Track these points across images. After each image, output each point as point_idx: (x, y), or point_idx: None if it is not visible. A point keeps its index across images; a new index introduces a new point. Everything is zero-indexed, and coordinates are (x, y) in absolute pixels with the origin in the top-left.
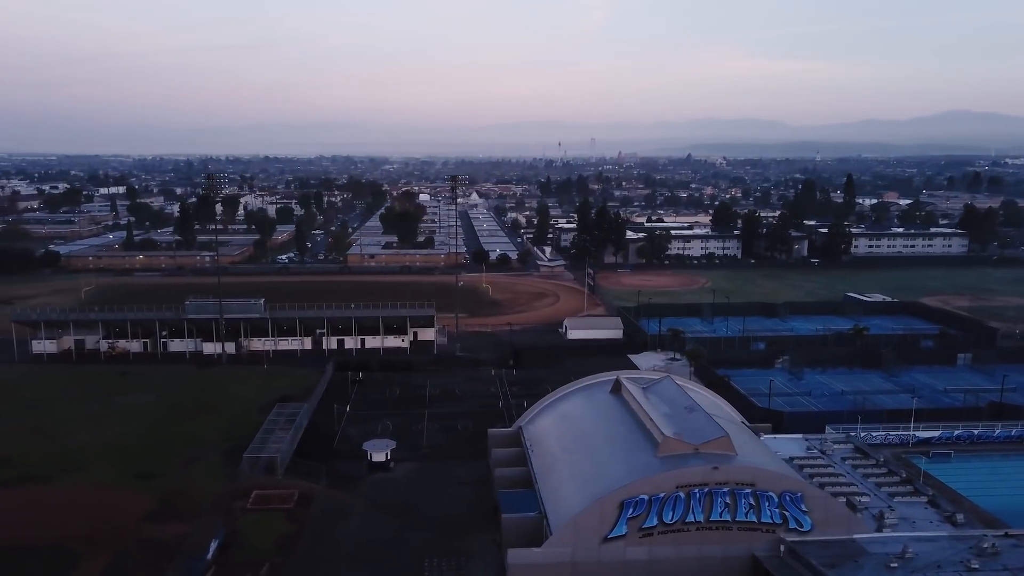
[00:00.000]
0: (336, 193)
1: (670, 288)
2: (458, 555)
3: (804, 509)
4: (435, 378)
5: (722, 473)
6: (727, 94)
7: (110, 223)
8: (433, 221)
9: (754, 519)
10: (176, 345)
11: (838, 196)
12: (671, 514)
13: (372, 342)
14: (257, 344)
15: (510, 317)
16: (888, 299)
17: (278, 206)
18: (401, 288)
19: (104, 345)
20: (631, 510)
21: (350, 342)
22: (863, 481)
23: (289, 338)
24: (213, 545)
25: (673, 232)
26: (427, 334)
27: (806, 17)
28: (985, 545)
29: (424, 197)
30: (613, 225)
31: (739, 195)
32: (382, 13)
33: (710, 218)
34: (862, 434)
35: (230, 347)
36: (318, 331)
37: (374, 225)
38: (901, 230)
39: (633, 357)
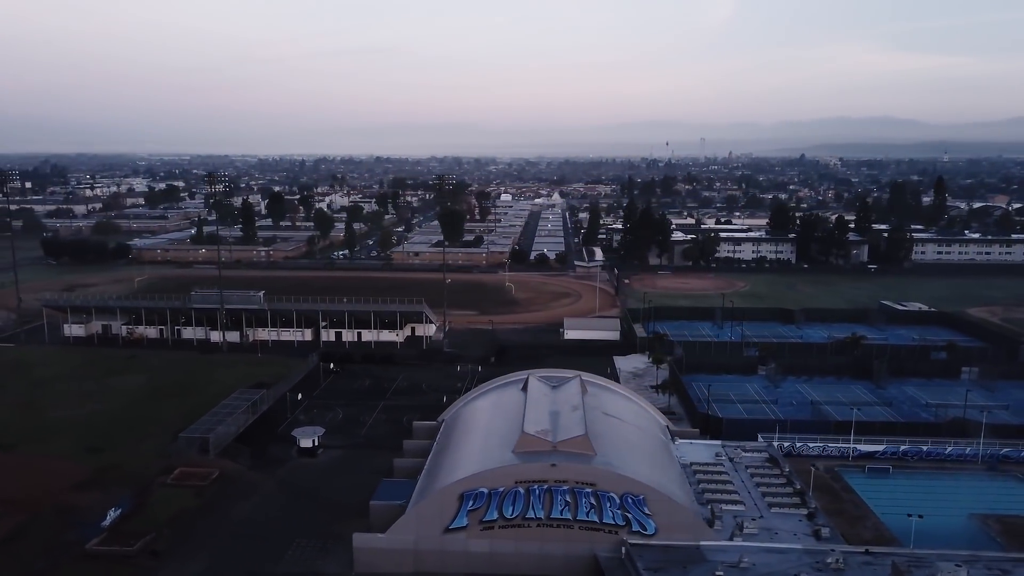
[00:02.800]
0: (420, 192)
1: (705, 291)
2: (329, 538)
3: (647, 512)
4: (410, 372)
5: (561, 471)
6: (858, 92)
7: (198, 220)
8: (499, 221)
9: (596, 519)
10: (188, 333)
11: (949, 200)
12: (511, 509)
13: (368, 335)
14: (262, 334)
15: (523, 316)
16: (925, 308)
17: (350, 205)
18: (429, 285)
19: (124, 331)
20: (471, 503)
21: (347, 335)
22: (752, 490)
23: (291, 329)
24: (112, 513)
25: (723, 235)
26: (424, 329)
27: (953, 8)
28: (829, 560)
29: (506, 197)
30: (658, 226)
31: (831, 197)
32: (500, 16)
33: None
34: (797, 444)
35: (235, 336)
36: (322, 324)
37: (437, 224)
38: (977, 236)
39: (618, 359)
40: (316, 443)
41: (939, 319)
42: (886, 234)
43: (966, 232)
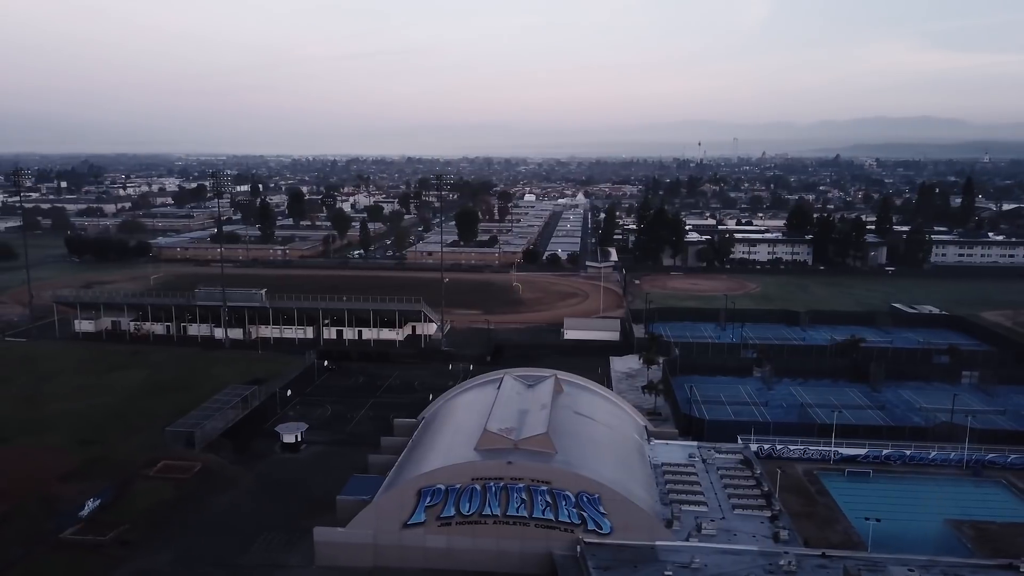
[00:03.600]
0: (443, 192)
1: (715, 293)
2: (297, 532)
3: (603, 511)
4: (405, 370)
5: (517, 469)
6: (898, 91)
7: (224, 219)
8: (518, 221)
9: (551, 517)
10: (194, 329)
11: (981, 201)
12: (468, 506)
13: (368, 333)
14: (264, 331)
15: (526, 316)
16: (935, 311)
17: (371, 205)
18: (438, 284)
19: (131, 327)
20: (429, 499)
21: (348, 333)
22: (719, 491)
23: (293, 327)
24: (90, 504)
25: (738, 236)
26: (424, 328)
27: (998, 5)
28: (781, 562)
29: (529, 197)
30: (672, 227)
31: (859, 198)
32: (536, 16)
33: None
34: (777, 447)
35: (238, 333)
36: (324, 322)
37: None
38: (1000, 238)
39: (614, 359)
40: (299, 439)
41: (949, 322)
42: (905, 236)
43: (989, 234)
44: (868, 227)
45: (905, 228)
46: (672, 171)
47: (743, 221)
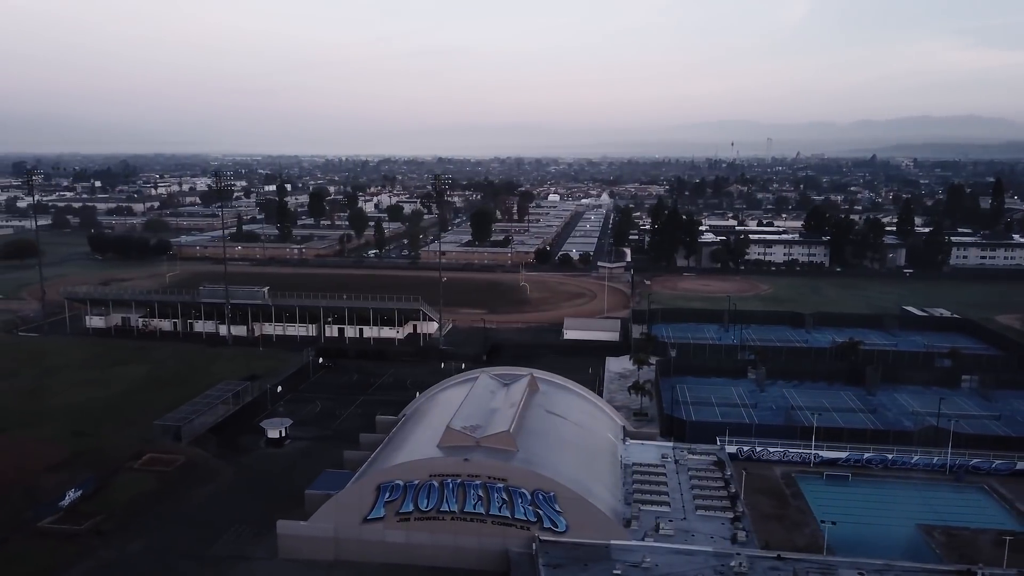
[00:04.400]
0: (467, 192)
1: (725, 294)
2: (266, 525)
3: (558, 509)
4: (400, 368)
5: (474, 466)
6: (942, 89)
7: (248, 218)
8: (537, 221)
9: (508, 515)
10: (200, 326)
11: (1016, 203)
12: (426, 502)
13: (369, 332)
14: (268, 329)
15: (531, 316)
16: (946, 314)
17: (391, 205)
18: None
19: (140, 323)
20: (388, 494)
21: (350, 331)
22: (686, 492)
23: (296, 324)
24: (71, 494)
25: (753, 237)
26: (424, 327)
27: None
28: (732, 564)
29: (554, 197)
30: (685, 228)
31: (889, 199)
32: (572, 15)
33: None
34: (757, 449)
35: (242, 330)
36: (328, 320)
37: None
38: None
39: (611, 360)
40: (283, 434)
41: (958, 326)
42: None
43: (1015, 236)
44: (889, 229)
45: (927, 230)
46: (703, 171)
47: (764, 222)
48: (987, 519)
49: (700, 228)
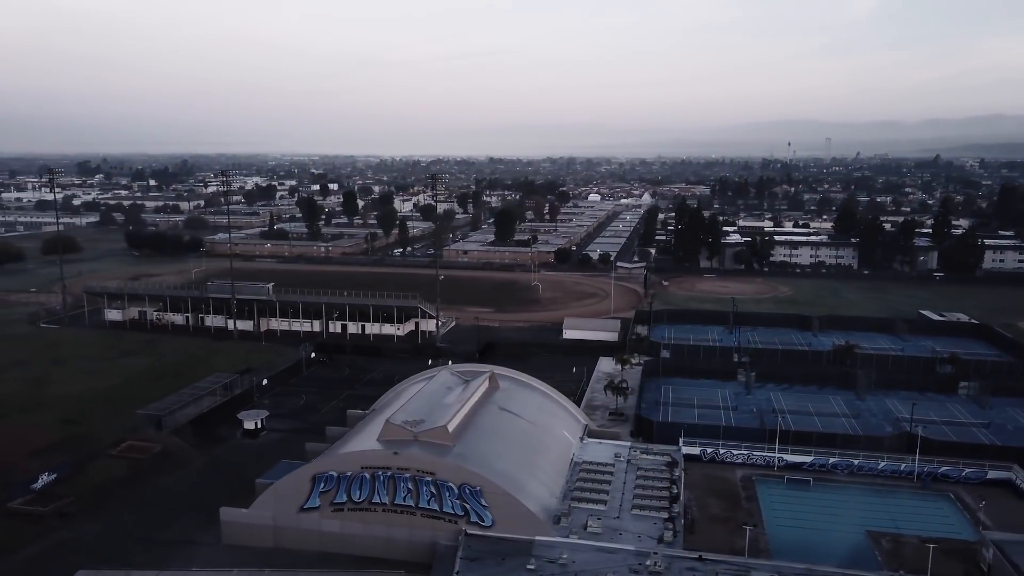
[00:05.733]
0: (506, 192)
1: (742, 295)
2: (218, 512)
3: (484, 504)
4: (393, 364)
5: (403, 459)
6: (1016, 87)
7: (287, 217)
8: (570, 220)
9: (436, 508)
10: (210, 320)
11: None
12: (358, 493)
13: (371, 328)
14: (274, 324)
15: (536, 315)
16: (964, 318)
17: (424, 205)
18: (463, 282)
19: (154, 317)
20: (322, 485)
21: (352, 327)
22: (627, 491)
23: (300, 320)
24: (44, 477)
25: (779, 238)
26: (425, 324)
27: None
28: (648, 563)
29: (594, 197)
30: (708, 229)
31: (939, 201)
32: (630, 14)
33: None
34: (721, 451)
35: (248, 325)
36: (334, 315)
37: None
38: None
39: (604, 360)
40: (259, 425)
41: (974, 331)
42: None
43: None
44: (925, 231)
45: (961, 232)
46: (755, 171)
47: (801, 223)
48: (942, 528)
49: (724, 229)
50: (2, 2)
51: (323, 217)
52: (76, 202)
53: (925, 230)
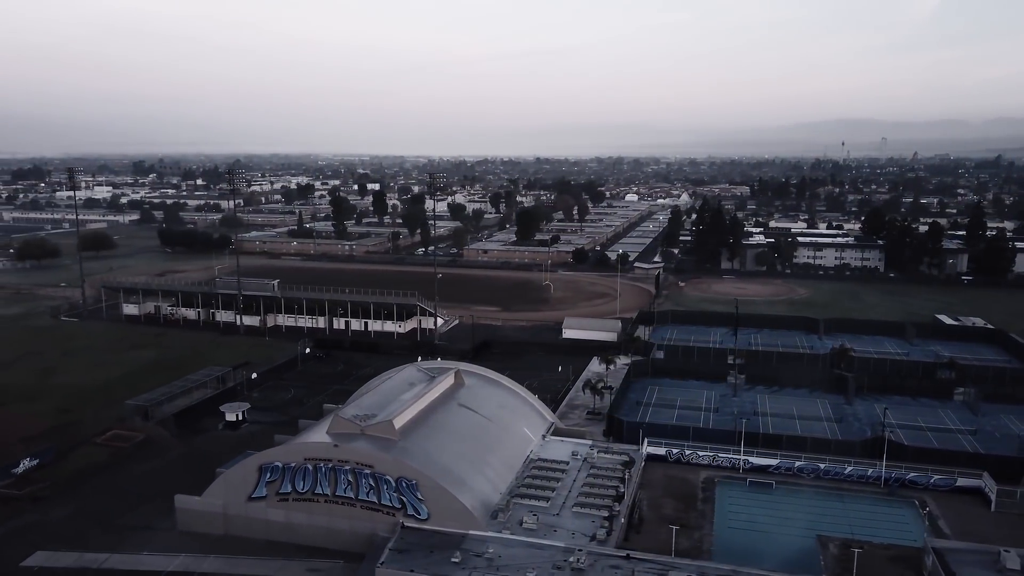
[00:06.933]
0: (540, 192)
1: (757, 297)
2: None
3: (420, 497)
4: (387, 361)
5: (343, 451)
6: None
7: (322, 216)
8: (600, 220)
9: (375, 500)
10: (220, 315)
11: None
12: (302, 483)
13: (373, 325)
14: (280, 320)
15: (541, 314)
16: (980, 324)
17: (454, 204)
18: (470, 280)
19: (169, 311)
20: (268, 475)
21: (355, 324)
22: (573, 489)
23: (305, 316)
24: (26, 462)
25: (802, 240)
26: (425, 322)
27: None
28: (571, 559)
29: (631, 197)
30: (728, 230)
31: (989, 202)
32: (685, 12)
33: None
34: (687, 452)
35: (255, 320)
36: (339, 312)
37: None
38: None
39: (596, 360)
40: (240, 417)
41: (987, 336)
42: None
43: None
44: (958, 233)
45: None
46: (805, 172)
47: (835, 224)
48: (899, 535)
49: (748, 230)
50: (65, 9)
51: (355, 216)
52: (123, 200)
53: (959, 232)
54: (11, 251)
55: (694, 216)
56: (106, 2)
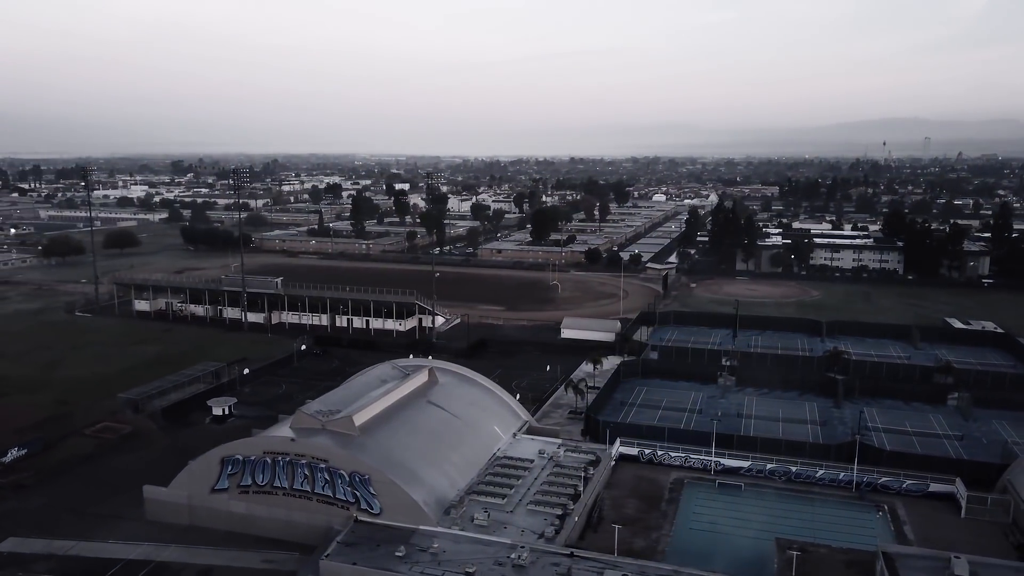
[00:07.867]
0: (567, 192)
1: (769, 298)
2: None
3: (372, 492)
4: (384, 358)
5: (299, 446)
6: None
7: (346, 215)
8: (621, 220)
9: (330, 494)
10: (228, 312)
11: None
12: (261, 477)
13: (374, 323)
14: (284, 317)
15: (544, 314)
16: (990, 328)
17: (476, 204)
18: (479, 279)
19: (179, 307)
20: (230, 467)
21: (357, 322)
22: (532, 487)
23: (309, 313)
24: (13, 452)
25: (819, 241)
26: (426, 320)
27: None
28: (512, 555)
29: (659, 197)
30: (743, 230)
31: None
32: (725, 11)
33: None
34: (659, 453)
35: (260, 317)
36: (341, 308)
37: None
38: None
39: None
40: (227, 412)
41: (995, 340)
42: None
43: None
44: (984, 235)
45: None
46: (843, 172)
47: (860, 225)
48: (866, 539)
49: (766, 231)
50: (114, 12)
51: (377, 216)
52: (156, 199)
53: (986, 234)
54: (39, 248)
55: (710, 217)
56: (154, 7)
